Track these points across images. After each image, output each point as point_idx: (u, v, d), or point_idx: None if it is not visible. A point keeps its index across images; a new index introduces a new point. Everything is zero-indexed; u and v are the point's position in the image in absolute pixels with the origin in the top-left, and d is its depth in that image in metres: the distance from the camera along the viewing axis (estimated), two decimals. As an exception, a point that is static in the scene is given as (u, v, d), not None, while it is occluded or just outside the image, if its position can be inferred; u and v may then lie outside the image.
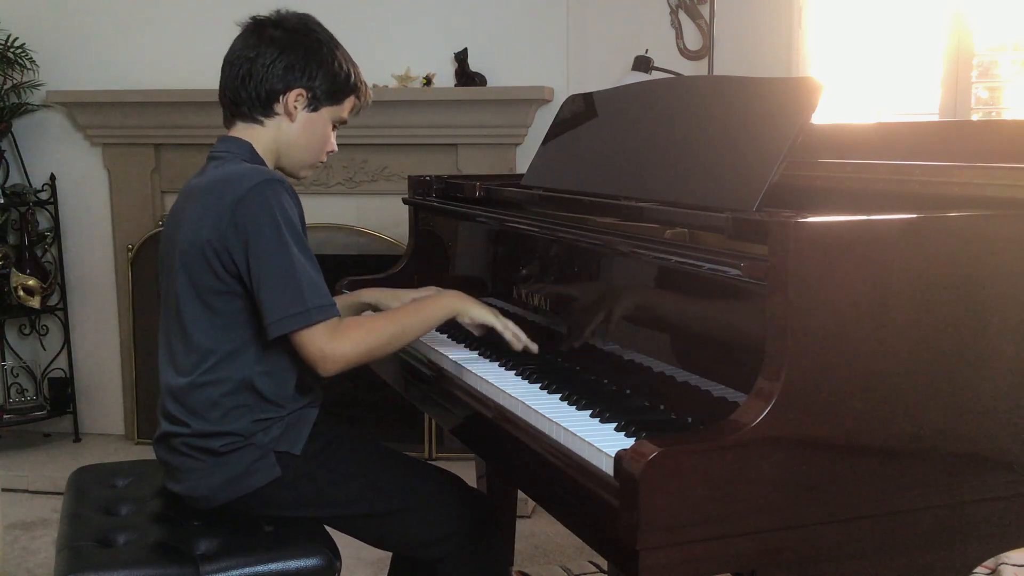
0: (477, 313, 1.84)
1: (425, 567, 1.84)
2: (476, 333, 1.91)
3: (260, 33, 1.79)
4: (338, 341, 1.66)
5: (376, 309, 2.11)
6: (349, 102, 1.86)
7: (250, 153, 1.79)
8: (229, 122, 1.85)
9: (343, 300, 2.17)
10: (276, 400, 1.73)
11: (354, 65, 1.86)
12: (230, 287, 1.68)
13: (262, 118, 1.80)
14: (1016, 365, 1.39)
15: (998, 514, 1.42)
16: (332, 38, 1.84)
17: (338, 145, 1.92)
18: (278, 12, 1.84)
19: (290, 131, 1.81)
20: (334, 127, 1.87)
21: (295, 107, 1.79)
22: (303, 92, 1.79)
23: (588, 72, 3.50)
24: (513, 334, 1.83)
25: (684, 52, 3.49)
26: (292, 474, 1.73)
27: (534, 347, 1.83)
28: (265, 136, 1.81)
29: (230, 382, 1.70)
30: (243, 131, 1.82)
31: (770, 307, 1.27)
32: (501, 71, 3.59)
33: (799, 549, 1.30)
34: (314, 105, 1.81)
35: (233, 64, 1.80)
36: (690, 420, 1.45)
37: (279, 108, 1.79)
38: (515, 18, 3.61)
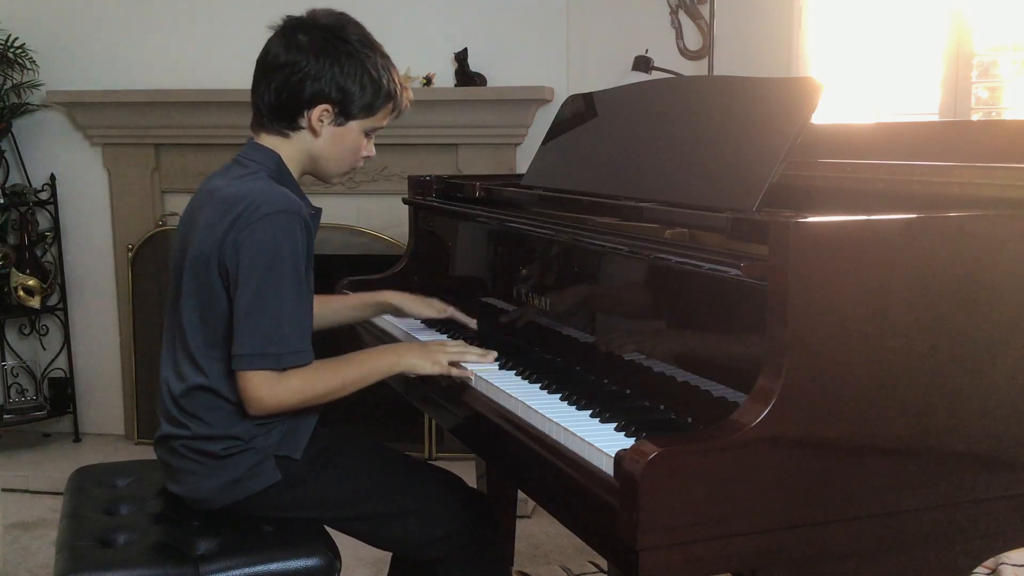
0: (426, 369, 1.75)
1: (425, 567, 1.84)
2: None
3: (288, 39, 1.71)
4: (278, 388, 1.63)
5: (399, 313, 2.10)
6: (384, 111, 1.78)
7: (277, 165, 1.74)
8: (256, 128, 1.78)
9: (364, 298, 2.16)
10: None
11: (390, 70, 1.77)
12: (223, 300, 1.65)
13: (287, 131, 1.74)
14: (1016, 365, 1.39)
15: (998, 514, 1.42)
16: (366, 42, 1.75)
17: (363, 158, 1.84)
18: (312, 12, 1.75)
19: (315, 145, 1.75)
20: (368, 135, 1.80)
21: (320, 122, 1.73)
22: (328, 108, 1.71)
23: (588, 72, 3.50)
24: (460, 374, 1.74)
25: (684, 52, 3.49)
26: (292, 478, 1.72)
27: (491, 356, 1.79)
28: (291, 148, 1.76)
29: (227, 390, 1.68)
30: (269, 140, 1.76)
31: (770, 307, 1.27)
32: (501, 71, 3.59)
33: (799, 549, 1.30)
34: (341, 120, 1.74)
35: (262, 70, 1.73)
36: (690, 420, 1.45)
37: (303, 123, 1.73)
38: (515, 18, 3.61)
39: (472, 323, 2.08)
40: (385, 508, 1.79)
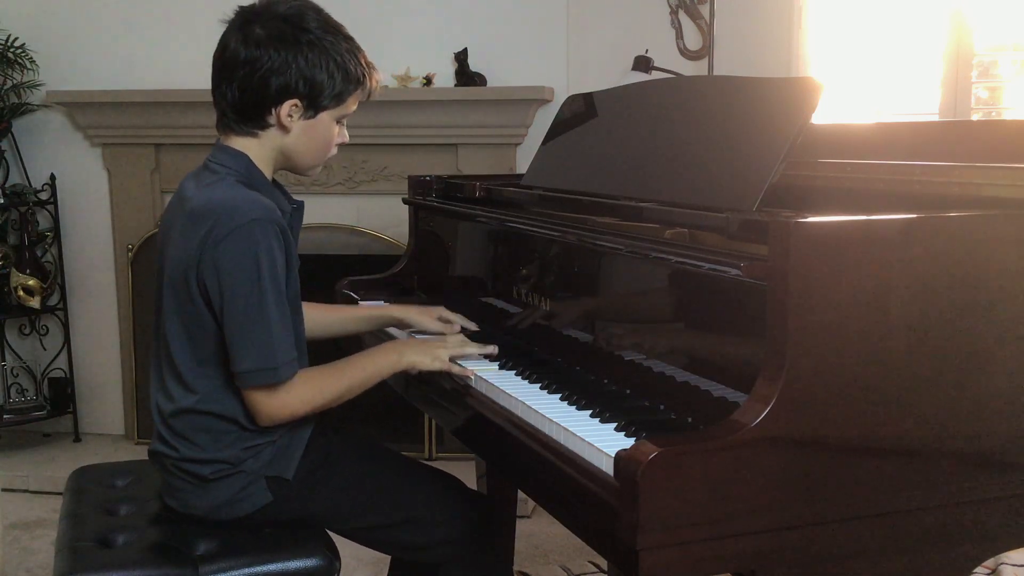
0: (427, 365, 1.76)
1: (425, 567, 1.84)
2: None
3: (245, 33, 1.63)
4: (287, 398, 1.62)
5: (405, 325, 2.06)
6: (354, 97, 1.70)
7: (247, 167, 1.67)
8: (222, 129, 1.71)
9: (370, 312, 2.12)
10: (265, 429, 1.68)
11: (356, 54, 1.68)
12: (208, 317, 1.62)
13: (255, 130, 1.67)
14: (1016, 365, 1.39)
15: (998, 514, 1.42)
16: (327, 28, 1.65)
17: (337, 145, 1.76)
18: (266, 1, 1.66)
19: (286, 141, 1.68)
20: (340, 122, 1.72)
21: (289, 118, 1.65)
22: (297, 103, 1.64)
23: (588, 72, 3.50)
24: (460, 372, 1.75)
25: (684, 52, 3.49)
26: (284, 497, 1.70)
27: (491, 348, 1.82)
28: (261, 147, 1.69)
29: (215, 414, 1.66)
30: (237, 141, 1.69)
31: (770, 307, 1.27)
32: (501, 71, 3.59)
33: (799, 549, 1.30)
34: (311, 113, 1.66)
35: (221, 69, 1.66)
36: (690, 420, 1.45)
37: (271, 120, 1.65)
38: (515, 18, 3.61)
39: (473, 326, 2.07)
40: (385, 519, 1.77)
